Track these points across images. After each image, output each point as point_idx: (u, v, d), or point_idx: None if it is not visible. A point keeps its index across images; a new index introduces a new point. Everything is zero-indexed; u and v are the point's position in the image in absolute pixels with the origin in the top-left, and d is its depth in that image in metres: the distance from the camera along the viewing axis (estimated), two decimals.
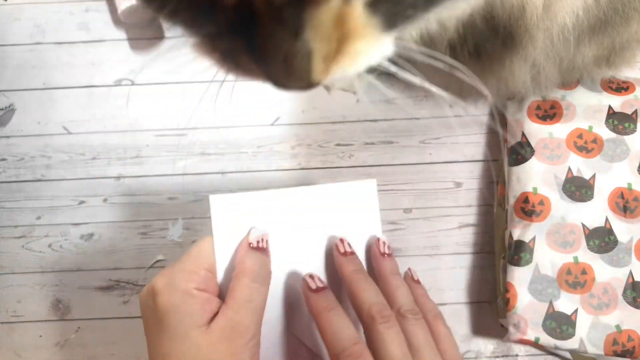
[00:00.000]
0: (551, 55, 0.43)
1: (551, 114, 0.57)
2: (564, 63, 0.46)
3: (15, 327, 0.60)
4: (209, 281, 0.38)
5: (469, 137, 0.63)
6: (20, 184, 0.62)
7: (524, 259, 0.53)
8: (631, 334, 0.51)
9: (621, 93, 0.57)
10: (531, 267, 0.52)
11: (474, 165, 0.63)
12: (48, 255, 0.61)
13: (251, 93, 0.64)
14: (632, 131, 0.55)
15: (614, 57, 0.48)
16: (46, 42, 0.65)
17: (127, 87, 0.64)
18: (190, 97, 0.64)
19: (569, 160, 0.55)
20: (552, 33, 0.39)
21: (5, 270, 0.61)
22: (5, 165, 0.63)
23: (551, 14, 0.37)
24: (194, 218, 0.61)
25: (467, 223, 0.62)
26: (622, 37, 0.44)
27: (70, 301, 0.60)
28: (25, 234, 0.62)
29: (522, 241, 0.53)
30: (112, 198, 0.62)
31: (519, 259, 0.53)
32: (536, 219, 0.53)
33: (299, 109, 0.64)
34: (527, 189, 0.54)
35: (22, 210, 0.62)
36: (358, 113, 0.63)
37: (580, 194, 0.54)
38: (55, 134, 0.63)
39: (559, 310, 0.51)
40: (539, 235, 0.53)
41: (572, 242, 0.53)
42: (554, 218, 0.53)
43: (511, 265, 0.53)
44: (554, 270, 0.52)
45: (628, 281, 0.52)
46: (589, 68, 0.49)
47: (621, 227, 0.53)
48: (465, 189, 0.62)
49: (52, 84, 0.64)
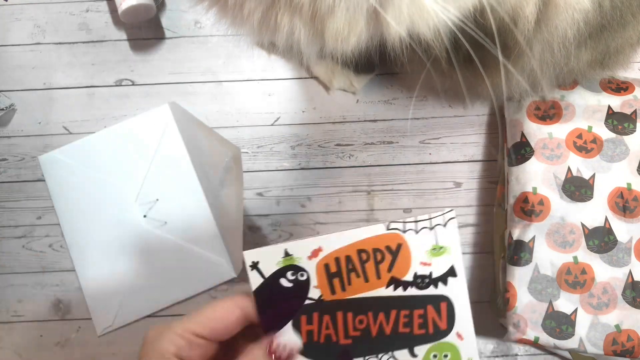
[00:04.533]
0: (550, 65, 0.43)
1: (550, 114, 0.57)
2: (561, 69, 0.46)
3: (16, 326, 0.60)
4: (195, 349, 0.34)
5: (469, 137, 0.63)
6: (20, 184, 0.62)
7: (523, 259, 0.53)
8: (631, 334, 0.51)
9: (620, 93, 0.57)
10: (531, 267, 0.53)
11: (474, 165, 0.63)
12: (48, 255, 0.61)
13: (251, 93, 0.64)
14: (632, 131, 0.55)
15: (607, 61, 0.48)
16: (46, 42, 0.65)
17: (127, 87, 0.64)
18: (190, 97, 0.64)
19: (569, 160, 0.55)
20: (552, 45, 0.39)
21: (6, 270, 0.61)
22: (6, 165, 0.63)
23: (551, 26, 0.37)
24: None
25: (467, 223, 0.62)
26: (616, 42, 0.44)
27: (71, 301, 0.60)
28: (25, 234, 0.62)
29: (521, 241, 0.53)
30: None
31: (518, 259, 0.53)
32: (536, 219, 0.53)
33: (299, 109, 0.64)
34: (527, 189, 0.54)
35: (22, 210, 0.62)
36: (358, 113, 0.63)
37: (580, 193, 0.54)
38: (56, 134, 0.63)
39: (558, 310, 0.51)
40: (539, 235, 0.53)
41: (572, 241, 0.53)
42: (553, 218, 0.53)
43: (511, 265, 0.53)
44: (554, 270, 0.52)
45: (627, 281, 0.52)
46: (583, 70, 0.49)
47: (621, 227, 0.53)
48: (465, 189, 0.62)
49: (52, 84, 0.64)
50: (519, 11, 0.35)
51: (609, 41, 0.43)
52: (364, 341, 0.35)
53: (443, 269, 0.35)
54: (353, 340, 0.35)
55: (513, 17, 0.35)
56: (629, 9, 0.39)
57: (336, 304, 0.35)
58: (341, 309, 0.35)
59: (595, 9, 0.37)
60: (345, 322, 0.35)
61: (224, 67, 0.64)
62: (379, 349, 0.35)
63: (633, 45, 0.47)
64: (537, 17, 0.35)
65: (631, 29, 0.43)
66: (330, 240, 0.34)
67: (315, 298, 0.35)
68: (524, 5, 0.35)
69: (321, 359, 0.35)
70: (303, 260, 0.34)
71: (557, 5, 0.35)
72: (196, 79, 0.64)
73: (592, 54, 0.45)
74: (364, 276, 0.35)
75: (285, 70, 0.64)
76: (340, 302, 0.35)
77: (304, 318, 0.35)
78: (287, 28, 0.37)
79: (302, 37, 0.37)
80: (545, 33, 0.37)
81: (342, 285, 0.35)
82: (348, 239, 0.34)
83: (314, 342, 0.35)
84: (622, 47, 0.46)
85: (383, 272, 0.35)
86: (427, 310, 0.35)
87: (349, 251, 0.35)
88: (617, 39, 0.43)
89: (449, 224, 0.35)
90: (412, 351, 0.35)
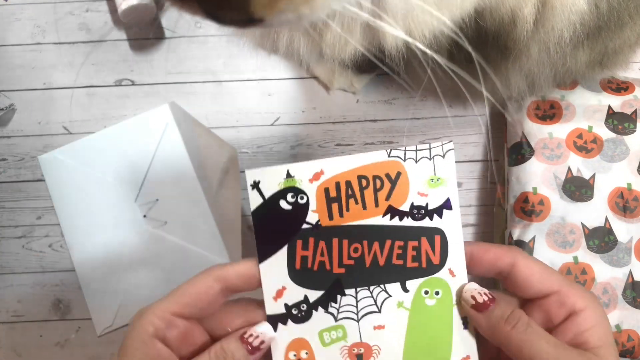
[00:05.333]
0: (547, 65, 0.43)
1: (551, 114, 0.57)
2: (558, 69, 0.46)
3: (16, 326, 0.60)
4: (173, 328, 0.34)
5: (469, 137, 0.63)
6: (20, 184, 0.62)
7: None
8: (631, 334, 0.51)
9: (621, 93, 0.57)
10: None
11: (474, 165, 0.63)
12: (48, 255, 0.61)
13: (251, 93, 0.64)
14: (632, 131, 0.55)
15: (606, 61, 0.48)
16: (46, 42, 0.65)
17: (127, 87, 0.64)
18: (190, 97, 0.64)
19: (569, 160, 0.55)
20: (548, 46, 0.39)
21: (6, 270, 0.61)
22: (6, 165, 0.63)
23: (547, 27, 0.37)
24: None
25: (467, 223, 0.62)
26: (614, 42, 0.44)
27: (71, 301, 0.60)
28: (25, 234, 0.62)
29: (521, 241, 0.53)
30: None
31: None
32: (536, 218, 0.53)
33: (299, 109, 0.64)
34: (527, 189, 0.54)
35: (22, 210, 0.62)
36: (358, 113, 0.63)
37: (580, 193, 0.54)
38: (56, 134, 0.63)
39: None
40: (539, 235, 0.53)
41: (572, 242, 0.53)
42: (553, 218, 0.53)
43: None
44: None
45: (628, 281, 0.52)
46: (582, 71, 0.49)
47: (621, 227, 0.53)
48: (465, 189, 0.62)
49: (52, 84, 0.64)
50: (518, 12, 0.35)
51: (606, 42, 0.44)
52: (357, 271, 0.35)
53: (439, 201, 0.35)
54: (346, 270, 0.35)
55: (512, 18, 0.35)
56: (626, 11, 0.39)
57: (333, 230, 0.35)
58: (337, 235, 0.35)
59: (591, 10, 0.37)
60: (341, 250, 0.35)
61: (224, 67, 0.64)
62: (371, 280, 0.35)
63: (632, 45, 0.47)
64: (536, 17, 0.35)
65: (629, 30, 0.43)
66: (333, 164, 0.34)
67: (313, 223, 0.35)
68: (523, 6, 0.35)
69: (314, 287, 0.35)
70: (304, 182, 0.34)
71: (553, 6, 0.35)
72: (196, 79, 0.64)
73: (590, 55, 0.45)
74: (362, 203, 0.35)
75: (285, 70, 0.64)
76: (337, 229, 0.35)
77: (300, 243, 0.35)
78: (286, 37, 0.38)
79: (302, 46, 0.37)
80: (542, 34, 0.38)
81: (340, 211, 0.35)
82: (350, 164, 0.34)
83: (308, 269, 0.35)
84: (620, 47, 0.46)
85: (381, 200, 0.35)
86: (421, 242, 0.35)
87: (350, 176, 0.35)
88: (615, 39, 0.43)
89: (447, 155, 0.36)
90: (404, 285, 0.35)
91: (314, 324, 0.35)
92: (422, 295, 0.35)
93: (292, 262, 0.35)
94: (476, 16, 0.34)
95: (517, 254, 0.34)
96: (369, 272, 0.35)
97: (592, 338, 0.32)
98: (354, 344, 0.35)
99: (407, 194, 0.35)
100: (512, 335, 0.32)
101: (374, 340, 0.35)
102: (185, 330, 0.35)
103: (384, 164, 0.35)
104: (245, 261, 0.35)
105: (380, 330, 0.35)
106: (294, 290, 0.35)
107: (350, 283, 0.35)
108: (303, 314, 0.35)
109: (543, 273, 0.34)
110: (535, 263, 0.34)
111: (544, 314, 0.34)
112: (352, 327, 0.35)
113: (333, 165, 0.34)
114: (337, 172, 0.34)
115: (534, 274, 0.33)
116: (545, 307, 0.34)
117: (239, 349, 0.34)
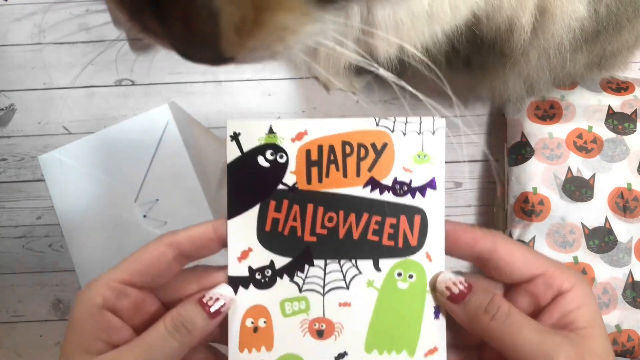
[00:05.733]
0: (546, 70, 0.43)
1: (551, 114, 0.57)
2: (557, 73, 0.46)
3: (16, 326, 0.60)
4: (124, 298, 0.32)
5: (469, 137, 0.63)
6: (20, 184, 0.62)
7: None
8: (631, 334, 0.51)
9: (621, 93, 0.57)
10: None
11: (474, 165, 0.63)
12: (48, 255, 0.61)
13: (251, 93, 0.64)
14: (632, 131, 0.55)
15: (604, 62, 0.48)
16: (46, 42, 0.65)
17: (127, 87, 0.64)
18: (190, 97, 0.64)
19: (569, 160, 0.55)
20: (548, 52, 0.39)
21: (6, 270, 0.61)
22: (6, 165, 0.63)
23: (547, 34, 0.37)
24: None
25: (467, 223, 0.62)
26: (612, 45, 0.44)
27: (71, 301, 0.60)
28: (25, 234, 0.62)
29: (522, 241, 0.53)
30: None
31: None
32: (536, 218, 0.53)
33: (299, 109, 0.64)
34: (527, 189, 0.54)
35: (22, 210, 0.62)
36: (358, 113, 0.63)
37: (580, 193, 0.54)
38: (55, 134, 0.63)
39: None
40: (539, 235, 0.53)
41: (572, 242, 0.53)
42: (553, 218, 0.53)
43: None
44: None
45: (628, 281, 0.52)
46: (580, 72, 0.49)
47: (621, 227, 0.53)
48: (465, 189, 0.62)
49: (52, 84, 0.64)
50: (515, 21, 0.35)
51: (605, 45, 0.44)
52: (329, 242, 0.33)
53: (424, 179, 0.34)
54: (318, 239, 0.33)
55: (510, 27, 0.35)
56: (624, 15, 0.39)
57: (309, 194, 0.33)
58: (313, 201, 0.33)
59: (591, 15, 0.37)
60: (315, 217, 0.33)
61: (224, 67, 0.64)
62: (343, 253, 0.33)
63: (630, 48, 0.47)
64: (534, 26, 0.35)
65: (627, 33, 0.43)
66: (318, 125, 0.32)
67: (290, 185, 0.33)
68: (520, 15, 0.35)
69: (282, 253, 0.33)
70: (286, 141, 0.32)
71: (553, 14, 0.35)
72: (196, 79, 0.64)
73: (589, 57, 0.45)
74: (343, 170, 0.33)
75: (285, 70, 0.64)
76: (313, 194, 0.33)
77: (273, 204, 0.33)
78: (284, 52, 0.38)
79: (298, 59, 0.37)
80: (542, 40, 0.37)
81: (319, 176, 0.33)
82: (335, 128, 0.33)
83: (278, 233, 0.33)
84: (618, 50, 0.46)
85: (363, 170, 0.33)
86: (400, 220, 0.33)
87: (334, 141, 0.33)
88: (614, 42, 0.44)
89: (437, 132, 0.34)
90: (376, 263, 0.33)
91: (277, 292, 0.33)
92: (395, 277, 0.34)
93: (263, 223, 0.33)
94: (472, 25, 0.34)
95: (497, 238, 0.33)
96: (342, 245, 0.33)
97: (579, 318, 0.31)
98: (316, 319, 0.33)
99: (391, 167, 0.34)
100: (492, 326, 0.31)
101: (337, 318, 0.33)
102: (137, 299, 0.33)
103: (371, 132, 0.33)
104: (200, 224, 0.33)
105: (345, 307, 0.33)
106: (260, 253, 0.33)
107: (321, 253, 0.33)
108: (266, 280, 0.33)
109: (526, 256, 0.33)
110: (517, 247, 0.33)
111: (530, 297, 0.33)
112: (316, 300, 0.33)
113: (318, 127, 0.32)
114: (322, 134, 0.32)
115: (517, 258, 0.32)
116: (531, 290, 0.33)
117: (197, 313, 0.32)
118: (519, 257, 0.32)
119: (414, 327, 0.34)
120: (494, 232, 0.33)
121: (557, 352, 0.30)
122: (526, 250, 0.33)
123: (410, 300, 0.34)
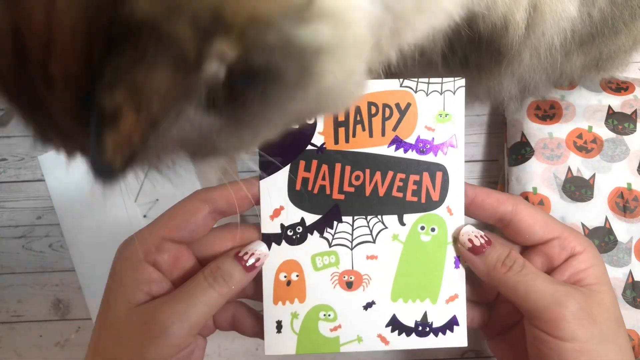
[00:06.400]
0: (538, 71, 0.43)
1: (551, 114, 0.57)
2: (550, 75, 0.46)
3: (16, 327, 0.60)
4: (163, 252, 0.33)
5: (469, 137, 0.63)
6: (20, 184, 0.62)
7: None
8: (631, 334, 0.51)
9: (621, 93, 0.57)
10: None
11: (474, 165, 0.63)
12: (48, 255, 0.61)
13: None
14: (632, 131, 0.55)
15: (602, 64, 0.48)
16: None
17: None
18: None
19: (569, 160, 0.55)
20: (539, 52, 0.39)
21: (6, 270, 0.61)
22: (6, 165, 0.63)
23: (538, 33, 0.37)
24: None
25: (468, 223, 0.62)
26: (609, 48, 0.44)
27: (71, 301, 0.60)
28: (25, 233, 0.62)
29: None
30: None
31: None
32: None
33: None
34: (527, 189, 0.54)
35: (22, 210, 0.62)
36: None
37: (580, 193, 0.54)
38: None
39: None
40: None
41: None
42: None
43: None
44: None
45: (628, 281, 0.52)
46: (577, 74, 0.49)
47: (621, 227, 0.53)
48: None
49: None
50: (509, 17, 0.35)
51: (601, 48, 0.44)
52: (356, 199, 0.35)
53: (445, 137, 0.35)
54: (346, 197, 0.35)
55: (505, 23, 0.36)
56: (620, 18, 0.39)
57: (337, 154, 0.34)
58: (341, 160, 0.35)
59: (583, 18, 0.37)
60: (342, 176, 0.34)
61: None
62: (369, 210, 0.35)
63: (627, 50, 0.47)
64: (527, 22, 0.36)
65: (624, 37, 0.43)
66: None
67: (318, 145, 0.34)
68: (515, 11, 0.35)
69: (312, 210, 0.35)
70: None
71: (543, 12, 0.35)
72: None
73: (585, 59, 0.46)
74: (369, 130, 0.34)
75: None
76: (341, 154, 0.34)
77: (303, 163, 0.34)
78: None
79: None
80: (533, 39, 0.38)
81: (346, 136, 0.34)
82: None
83: (308, 192, 0.35)
84: (615, 53, 0.46)
85: (388, 129, 0.34)
86: (423, 177, 0.35)
87: (360, 102, 0.34)
88: (610, 46, 0.44)
89: (458, 92, 0.35)
90: (401, 218, 0.35)
91: (308, 248, 0.35)
92: (418, 230, 0.35)
93: (293, 183, 0.34)
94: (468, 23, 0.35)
95: (519, 202, 0.35)
96: (368, 202, 0.35)
97: (589, 276, 0.34)
98: (345, 271, 0.35)
99: (414, 126, 0.35)
100: (508, 276, 0.33)
101: (365, 270, 0.35)
102: (175, 254, 0.34)
103: (395, 93, 0.34)
104: (232, 183, 0.34)
105: (372, 260, 0.35)
106: (291, 211, 0.35)
107: (349, 210, 0.35)
108: (298, 236, 0.35)
109: (545, 220, 0.34)
110: (536, 211, 0.35)
111: (544, 257, 0.35)
112: (345, 254, 0.35)
113: None
114: None
115: (537, 221, 0.35)
116: (545, 251, 0.35)
117: (234, 267, 0.33)
118: (539, 220, 0.35)
119: (436, 276, 0.35)
120: (515, 197, 0.36)
121: (567, 301, 0.32)
122: (545, 214, 0.36)
123: (433, 251, 0.36)
